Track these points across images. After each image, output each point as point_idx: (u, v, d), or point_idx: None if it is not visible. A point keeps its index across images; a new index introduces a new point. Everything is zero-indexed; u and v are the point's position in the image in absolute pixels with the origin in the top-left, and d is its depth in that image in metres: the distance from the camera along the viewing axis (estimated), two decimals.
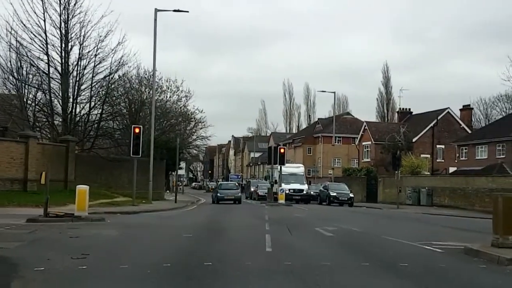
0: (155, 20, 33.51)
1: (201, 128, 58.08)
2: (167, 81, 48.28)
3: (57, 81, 33.62)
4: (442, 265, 9.76)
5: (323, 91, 70.01)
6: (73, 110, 34.17)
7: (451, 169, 55.80)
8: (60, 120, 34.53)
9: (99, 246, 11.60)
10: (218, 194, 39.26)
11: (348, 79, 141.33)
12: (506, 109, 73.61)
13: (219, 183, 51.45)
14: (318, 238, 14.55)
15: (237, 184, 47.96)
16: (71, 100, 33.81)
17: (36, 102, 34.29)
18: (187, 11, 33.95)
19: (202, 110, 53.71)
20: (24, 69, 33.27)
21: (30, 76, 33.89)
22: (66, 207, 21.46)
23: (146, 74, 44.51)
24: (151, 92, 38.24)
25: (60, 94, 33.59)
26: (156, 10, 33.70)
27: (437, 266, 9.67)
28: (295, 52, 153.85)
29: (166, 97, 49.15)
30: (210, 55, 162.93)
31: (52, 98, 33.97)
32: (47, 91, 33.48)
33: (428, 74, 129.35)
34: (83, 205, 18.44)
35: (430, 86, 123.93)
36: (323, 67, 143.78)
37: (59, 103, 33.91)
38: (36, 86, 33.85)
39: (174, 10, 33.45)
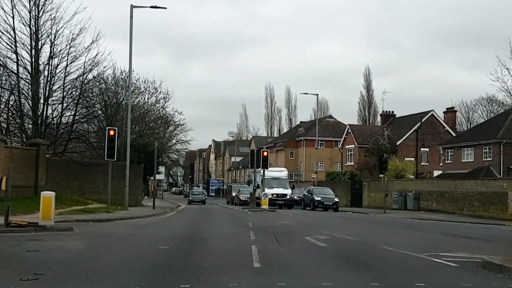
0: (131, 16, 31.91)
1: (181, 132, 56.61)
2: (144, 82, 46.56)
3: (27, 81, 31.73)
4: (467, 286, 8.26)
5: (305, 93, 69.66)
6: (44, 112, 32.26)
7: (436, 173, 54.93)
8: (30, 122, 32.58)
9: (59, 263, 9.92)
10: (190, 198, 57.86)
11: (325, 84, 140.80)
12: (487, 112, 73.26)
13: (191, 190, 70.44)
14: (311, 249, 13.01)
15: (203, 191, 66.91)
16: (42, 101, 31.90)
17: (9, 106, 32.36)
18: (165, 8, 32.36)
19: (181, 112, 52.20)
20: None
21: (3, 78, 32.07)
22: (34, 215, 19.73)
23: (122, 75, 42.72)
24: (128, 93, 36.46)
25: (30, 94, 31.68)
26: (132, 7, 32.12)
27: (460, 287, 8.18)
28: (273, 57, 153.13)
29: (144, 98, 47.45)
30: (187, 60, 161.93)
31: (22, 100, 32.07)
32: (15, 91, 31.54)
33: (403, 79, 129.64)
34: (48, 213, 16.79)
35: (406, 90, 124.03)
36: (299, 72, 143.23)
37: (29, 104, 31.98)
38: (9, 89, 31.95)
39: (151, 7, 31.89)
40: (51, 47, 31.69)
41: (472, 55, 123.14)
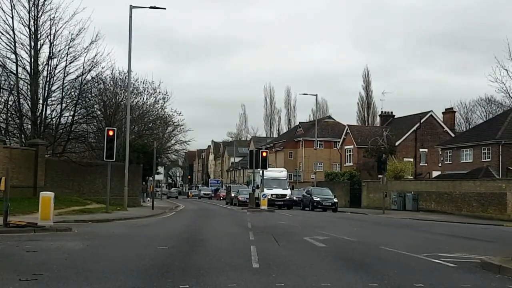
0: (130, 17, 31.82)
1: (180, 132, 56.54)
2: (143, 83, 46.49)
3: (26, 82, 31.70)
4: (466, 286, 8.27)
5: (304, 94, 69.86)
6: (43, 112, 32.22)
7: (435, 173, 54.96)
8: (29, 122, 32.56)
9: (58, 263, 9.91)
10: (168, 195, 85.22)
11: (323, 85, 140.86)
12: (486, 112, 73.32)
13: (171, 189, 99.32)
14: (310, 249, 13.02)
15: (177, 190, 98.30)
16: (41, 101, 31.84)
17: (8, 107, 32.33)
18: (164, 8, 32.29)
19: (180, 113, 52.14)
20: None
21: (3, 79, 32.05)
22: (33, 216, 19.70)
23: (121, 75, 42.67)
24: (126, 93, 36.42)
25: (29, 95, 31.66)
26: (131, 7, 32.04)
27: (459, 287, 8.19)
28: (271, 59, 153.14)
29: (143, 99, 47.39)
30: (183, 63, 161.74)
31: (21, 100, 32.03)
32: (14, 91, 31.52)
33: (397, 81, 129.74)
34: (47, 213, 16.77)
35: (402, 92, 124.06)
36: (297, 74, 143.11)
37: (28, 105, 31.96)
38: (8, 89, 31.94)
39: (150, 7, 31.81)
40: (50, 47, 31.64)
41: (464, 57, 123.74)
